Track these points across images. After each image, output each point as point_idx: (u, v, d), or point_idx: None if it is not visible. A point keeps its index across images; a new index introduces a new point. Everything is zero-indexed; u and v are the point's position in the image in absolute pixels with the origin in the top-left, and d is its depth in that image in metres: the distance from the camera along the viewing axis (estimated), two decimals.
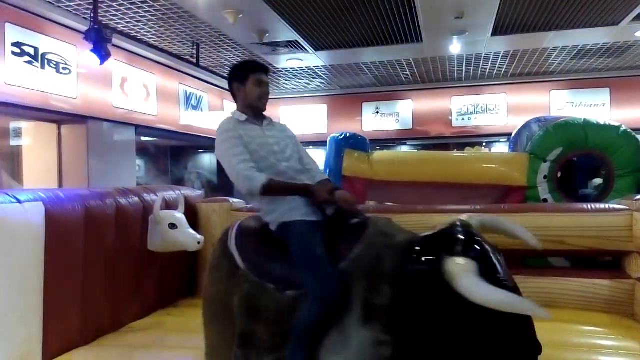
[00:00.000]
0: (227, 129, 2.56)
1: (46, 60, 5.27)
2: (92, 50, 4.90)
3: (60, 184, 5.80)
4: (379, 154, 5.40)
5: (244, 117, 2.64)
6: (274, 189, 2.43)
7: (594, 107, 9.04)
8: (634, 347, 2.79)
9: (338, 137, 5.47)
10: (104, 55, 4.95)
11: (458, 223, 2.05)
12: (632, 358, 2.65)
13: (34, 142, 5.97)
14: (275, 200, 2.47)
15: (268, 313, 2.28)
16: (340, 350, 2.09)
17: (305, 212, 2.43)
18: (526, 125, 5.43)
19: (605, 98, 9.07)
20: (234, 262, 2.48)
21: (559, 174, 4.60)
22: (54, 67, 5.37)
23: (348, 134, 5.55)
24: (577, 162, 5.05)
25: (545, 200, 4.53)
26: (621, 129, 4.44)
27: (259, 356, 2.28)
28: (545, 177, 4.54)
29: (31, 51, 5.08)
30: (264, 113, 2.76)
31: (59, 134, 5.90)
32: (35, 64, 5.14)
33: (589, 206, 3.63)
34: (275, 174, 2.48)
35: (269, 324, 2.28)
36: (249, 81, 2.64)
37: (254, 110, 2.68)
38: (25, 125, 5.97)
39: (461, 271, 1.79)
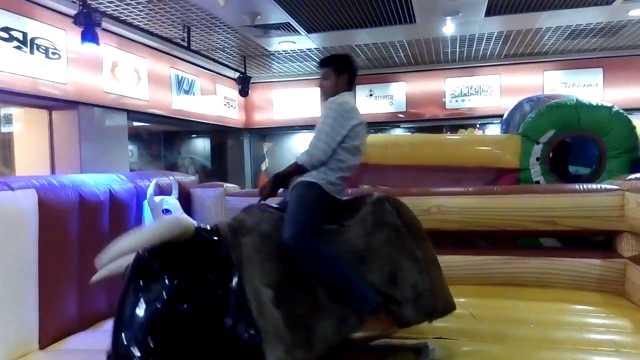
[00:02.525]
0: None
1: (35, 45, 5.20)
2: (84, 38, 4.85)
3: (53, 171, 5.77)
4: (371, 138, 5.36)
5: None
6: None
7: (587, 87, 9.04)
8: (625, 325, 2.84)
9: None
10: (94, 39, 4.92)
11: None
12: (623, 336, 2.69)
13: (25, 128, 5.91)
14: None
15: None
16: None
17: None
18: (518, 106, 5.44)
19: (599, 78, 9.07)
20: None
21: (551, 156, 4.62)
22: (43, 52, 5.30)
23: None
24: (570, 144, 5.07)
25: (537, 183, 4.55)
26: (613, 109, 4.45)
27: None
28: (537, 159, 4.55)
29: (20, 36, 5.01)
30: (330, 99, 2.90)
31: (50, 120, 5.84)
32: (24, 49, 5.07)
33: (581, 186, 3.66)
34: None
35: None
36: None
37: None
38: (15, 111, 5.91)
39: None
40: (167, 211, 3.56)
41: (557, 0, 6.20)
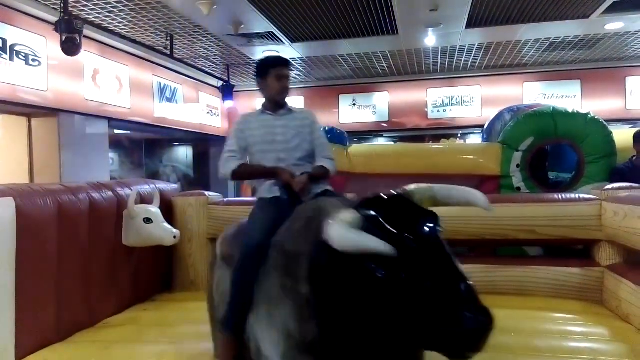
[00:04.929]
0: (235, 124, 2.89)
1: (15, 52, 5.13)
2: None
3: (32, 179, 5.68)
4: (356, 148, 5.45)
5: (263, 107, 2.85)
6: (243, 174, 2.80)
7: (566, 98, 9.22)
8: (603, 333, 2.88)
9: None
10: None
11: (395, 192, 1.86)
12: (601, 343, 2.73)
13: (3, 136, 5.81)
14: (257, 183, 2.80)
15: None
16: (268, 322, 2.08)
17: (270, 191, 2.64)
18: (499, 115, 5.53)
19: (577, 90, 9.26)
20: (214, 254, 2.77)
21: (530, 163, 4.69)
22: (23, 58, 5.23)
23: (326, 128, 5.57)
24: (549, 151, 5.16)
25: (518, 189, 4.62)
26: (589, 116, 4.56)
27: None
28: (517, 166, 4.64)
29: None
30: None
31: (29, 128, 5.76)
32: (4, 55, 5.00)
33: (560, 196, 3.71)
34: (273, 162, 2.69)
35: None
36: (270, 75, 2.78)
37: (274, 102, 2.83)
38: None
39: (334, 222, 1.63)
40: (148, 220, 3.52)
41: (536, 13, 6.33)
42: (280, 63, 2.81)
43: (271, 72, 2.77)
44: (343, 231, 1.59)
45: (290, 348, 1.93)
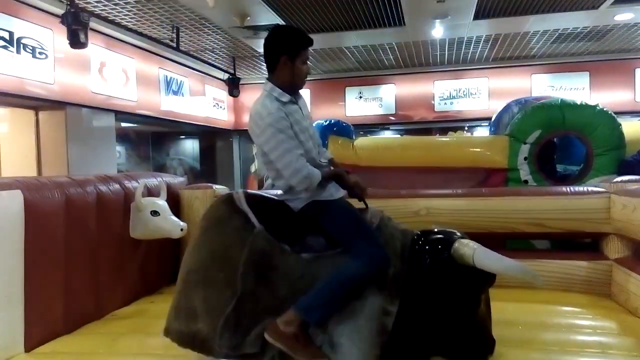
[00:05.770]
0: (277, 118, 2.31)
1: (22, 45, 5.14)
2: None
3: (39, 172, 5.71)
4: (362, 140, 5.45)
5: (286, 97, 2.39)
6: (322, 182, 2.39)
7: (574, 90, 9.15)
8: (611, 327, 2.86)
9: (323, 123, 5.52)
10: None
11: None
12: (609, 337, 2.72)
13: (10, 129, 5.85)
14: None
15: (278, 273, 2.29)
16: (353, 315, 2.22)
17: (338, 190, 2.48)
18: (507, 108, 5.50)
19: (585, 82, 9.18)
20: (247, 220, 2.39)
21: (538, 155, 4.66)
22: (30, 51, 5.24)
23: (332, 121, 5.59)
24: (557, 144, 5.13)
25: (526, 182, 4.60)
26: (597, 108, 4.52)
27: (254, 319, 2.26)
28: (525, 158, 4.61)
29: (6, 35, 4.95)
30: None
31: (37, 121, 5.78)
32: (11, 48, 5.01)
33: (568, 189, 3.68)
34: (309, 159, 2.39)
35: (276, 285, 2.29)
36: (300, 57, 2.38)
37: (295, 88, 2.45)
38: (1, 111, 5.84)
39: (475, 247, 2.19)
40: (155, 213, 3.52)
41: (545, 4, 6.27)
42: (311, 43, 2.41)
43: (302, 54, 2.37)
44: (491, 255, 2.17)
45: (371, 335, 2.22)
